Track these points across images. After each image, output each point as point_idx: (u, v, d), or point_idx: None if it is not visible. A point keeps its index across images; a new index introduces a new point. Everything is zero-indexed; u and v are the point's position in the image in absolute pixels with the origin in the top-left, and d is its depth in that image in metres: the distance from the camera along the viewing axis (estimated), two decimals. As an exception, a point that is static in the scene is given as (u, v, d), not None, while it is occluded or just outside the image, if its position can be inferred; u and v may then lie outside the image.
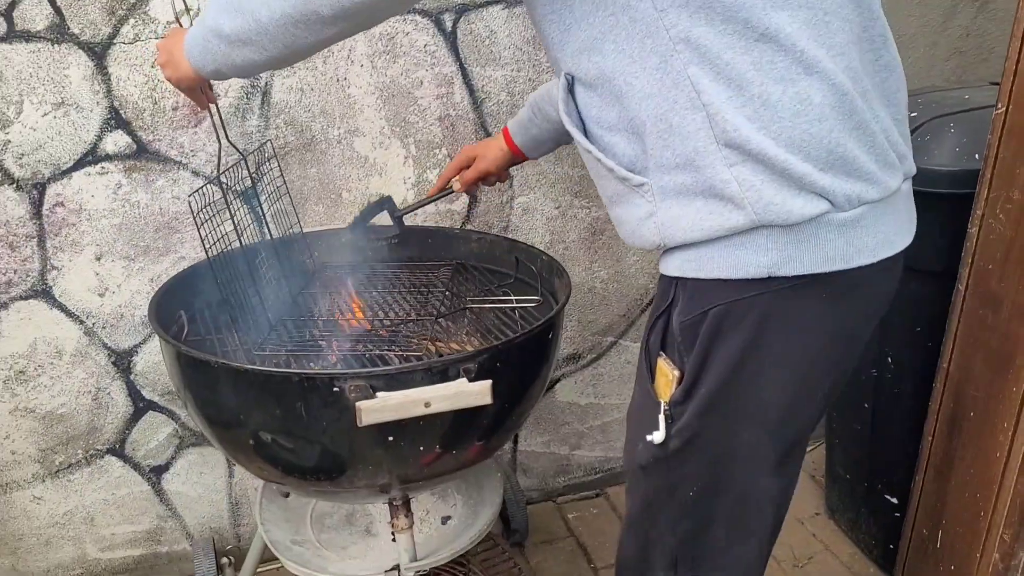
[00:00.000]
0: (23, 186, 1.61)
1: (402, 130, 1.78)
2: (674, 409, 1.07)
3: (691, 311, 1.02)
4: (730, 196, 0.94)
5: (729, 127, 0.91)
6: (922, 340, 1.68)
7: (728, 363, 1.01)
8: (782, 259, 0.95)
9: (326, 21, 0.97)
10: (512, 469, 2.18)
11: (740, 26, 0.89)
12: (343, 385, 1.15)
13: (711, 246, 0.98)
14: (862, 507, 1.97)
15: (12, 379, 1.72)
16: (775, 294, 0.97)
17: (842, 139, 0.92)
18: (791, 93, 0.91)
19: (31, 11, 1.51)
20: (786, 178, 0.92)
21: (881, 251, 0.99)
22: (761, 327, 0.99)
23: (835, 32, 0.92)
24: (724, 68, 0.90)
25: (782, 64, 0.90)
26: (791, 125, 0.91)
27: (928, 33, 2.10)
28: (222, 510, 1.97)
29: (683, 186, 0.97)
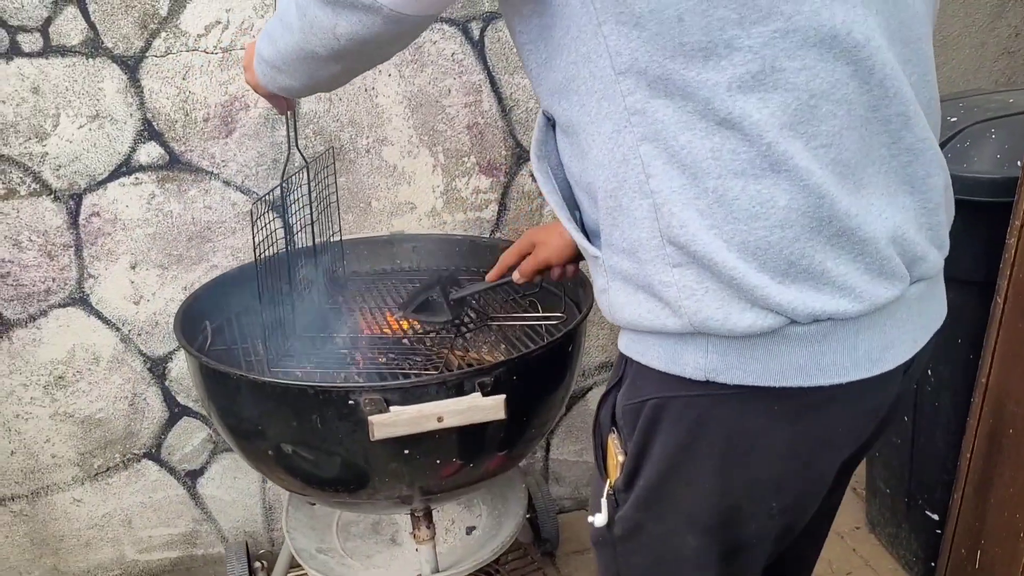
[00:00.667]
0: (60, 197, 1.65)
1: (430, 139, 1.79)
2: (618, 495, 0.97)
3: (632, 396, 0.91)
4: (668, 300, 0.81)
5: (675, 221, 0.78)
6: (962, 352, 1.63)
7: (663, 461, 0.90)
8: (723, 365, 0.82)
9: (326, 59, 0.95)
10: (544, 478, 2.16)
11: (701, 106, 0.75)
12: (357, 398, 1.16)
13: (653, 335, 0.86)
14: (903, 522, 1.92)
15: (52, 384, 1.77)
16: (715, 399, 0.84)
17: (809, 250, 0.77)
18: (751, 191, 0.76)
19: (66, 26, 1.54)
20: (734, 288, 0.78)
21: (856, 372, 0.83)
22: (698, 431, 0.87)
23: (822, 119, 0.76)
24: (679, 151, 0.77)
25: (744, 156, 0.76)
26: (746, 229, 0.77)
27: (974, 33, 2.03)
28: (256, 515, 2.00)
29: (627, 274, 0.85)
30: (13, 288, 1.68)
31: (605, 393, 0.99)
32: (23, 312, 1.70)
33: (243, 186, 1.72)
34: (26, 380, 1.75)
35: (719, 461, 0.88)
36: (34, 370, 1.75)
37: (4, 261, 1.66)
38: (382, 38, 0.89)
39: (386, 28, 0.86)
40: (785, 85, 0.75)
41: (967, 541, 1.63)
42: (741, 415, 0.85)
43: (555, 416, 1.44)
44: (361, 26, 0.86)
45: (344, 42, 0.89)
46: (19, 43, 1.53)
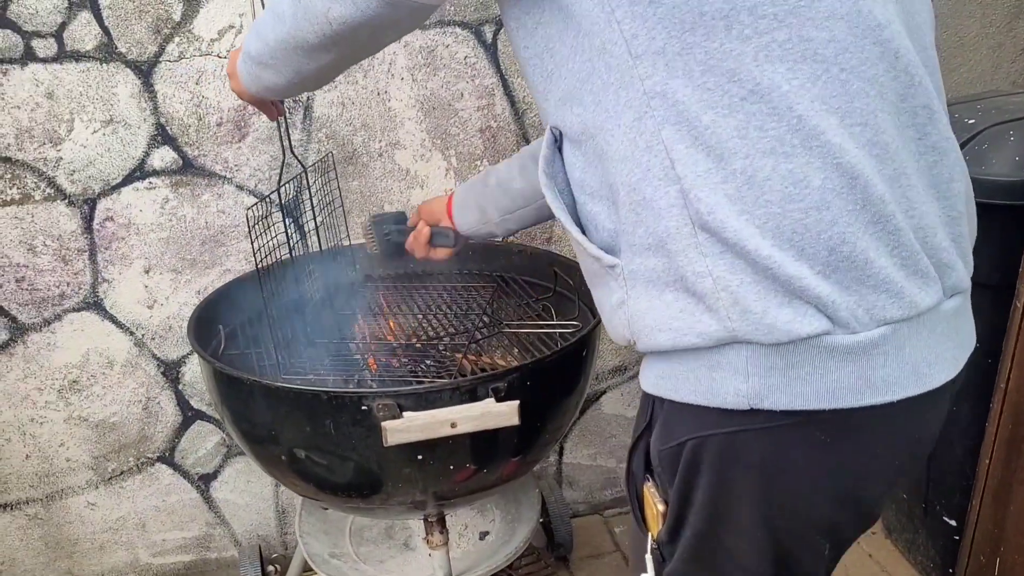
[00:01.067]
0: (75, 201, 1.65)
1: (443, 142, 1.78)
2: (664, 549, 0.92)
3: (667, 440, 0.85)
4: (702, 294, 0.76)
5: (704, 207, 0.74)
6: (980, 357, 1.60)
7: (708, 507, 0.85)
8: (766, 388, 0.76)
9: (316, 48, 0.94)
10: (557, 482, 2.16)
11: (724, 79, 0.72)
12: (371, 404, 1.15)
13: (684, 361, 0.80)
14: (920, 528, 1.90)
15: (66, 388, 1.77)
16: (759, 433, 0.78)
17: (850, 236, 0.72)
18: (783, 171, 0.72)
19: (80, 32, 1.55)
20: (771, 280, 0.73)
21: (904, 387, 0.77)
22: (740, 470, 0.82)
23: (855, 95, 0.72)
24: (703, 132, 0.73)
25: (774, 132, 0.72)
26: (780, 212, 0.72)
27: (992, 34, 2.01)
28: (269, 518, 2.00)
29: (654, 273, 0.79)
30: (28, 292, 1.69)
31: (635, 440, 0.93)
32: (38, 316, 1.71)
33: (256, 190, 1.72)
34: (41, 384, 1.76)
35: (765, 503, 0.83)
36: (48, 374, 1.75)
37: (19, 266, 1.66)
38: (376, 23, 0.87)
39: (380, 13, 0.85)
40: (814, 56, 0.71)
41: (986, 548, 1.62)
42: (787, 450, 0.80)
43: (569, 421, 1.43)
44: (356, 9, 0.85)
45: (337, 27, 0.88)
46: (33, 48, 1.54)
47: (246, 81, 1.12)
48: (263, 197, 1.65)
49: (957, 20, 1.97)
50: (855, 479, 0.83)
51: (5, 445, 1.78)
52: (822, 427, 0.78)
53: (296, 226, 1.73)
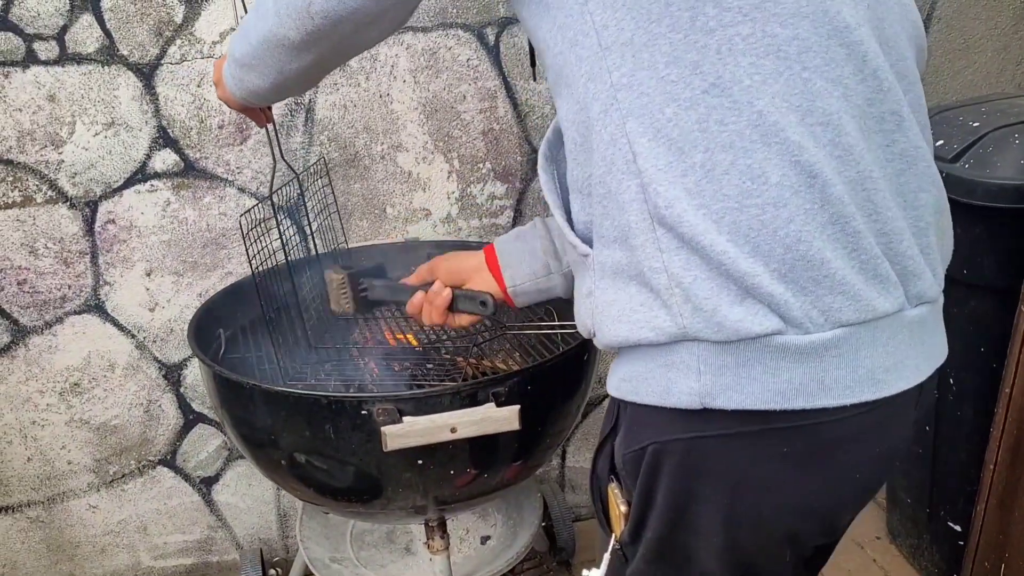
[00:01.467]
0: (76, 204, 1.65)
1: (445, 145, 1.78)
2: (626, 549, 0.92)
3: (631, 444, 0.85)
4: (658, 289, 0.75)
5: (662, 201, 0.73)
6: (985, 361, 1.60)
7: (669, 511, 0.84)
8: (716, 387, 0.75)
9: (298, 46, 0.92)
10: (559, 486, 2.15)
11: (687, 71, 0.71)
12: (370, 408, 1.15)
13: (643, 360, 0.79)
14: (924, 533, 1.89)
15: (68, 391, 1.77)
16: (718, 440, 0.78)
17: (806, 233, 0.72)
18: (741, 165, 0.71)
19: (82, 34, 1.54)
20: (724, 276, 0.72)
21: (859, 391, 0.75)
22: (700, 477, 0.81)
23: (817, 95, 0.72)
24: (665, 125, 0.72)
25: (733, 126, 0.71)
26: (737, 207, 0.72)
27: (997, 36, 2.00)
28: (270, 521, 2.00)
29: (619, 265, 0.79)
30: (29, 295, 1.69)
31: (600, 443, 0.93)
32: (39, 319, 1.71)
33: (258, 193, 1.72)
34: (42, 387, 1.75)
35: (727, 514, 0.82)
36: (50, 377, 1.75)
37: (20, 268, 1.66)
38: (359, 18, 0.86)
39: (364, 6, 0.84)
40: (777, 52, 0.71)
41: (991, 554, 1.60)
42: (750, 463, 0.79)
43: (571, 425, 1.43)
44: (338, 2, 0.84)
45: (319, 21, 0.87)
46: (35, 51, 1.54)
47: (231, 86, 1.11)
48: (258, 201, 1.65)
49: (962, 22, 1.96)
50: (817, 494, 0.82)
51: (6, 448, 1.78)
52: (781, 437, 0.77)
53: (297, 228, 1.73)
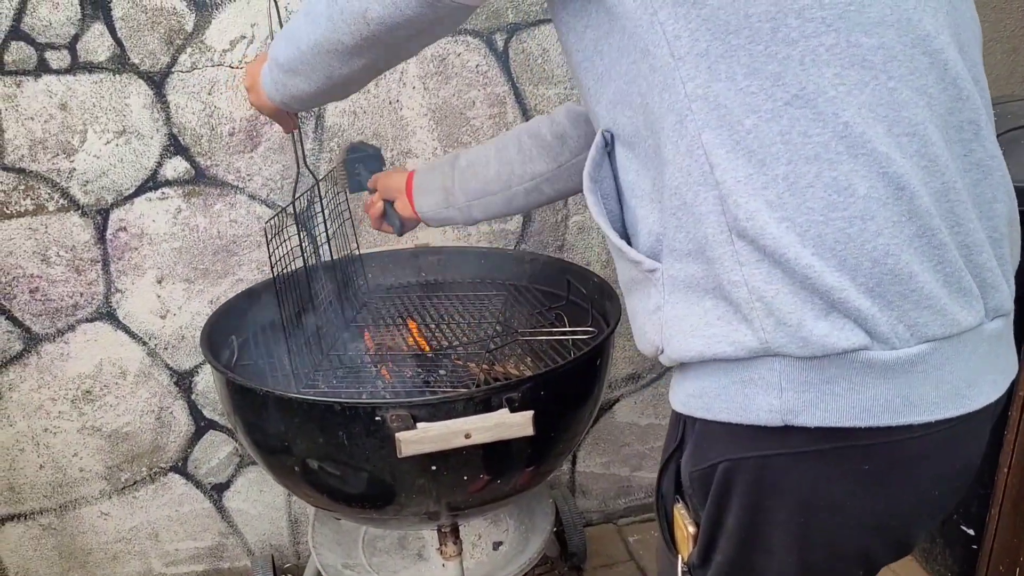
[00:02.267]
0: (88, 212, 1.65)
1: (455, 150, 1.78)
2: (694, 572, 0.90)
3: (699, 462, 0.83)
4: (738, 303, 0.74)
5: (743, 213, 0.72)
6: (998, 364, 1.59)
7: (740, 531, 0.82)
8: (800, 404, 0.73)
9: (351, 51, 0.92)
10: (570, 491, 2.14)
11: (768, 83, 0.70)
12: (384, 415, 1.15)
13: (716, 376, 0.78)
14: (938, 537, 1.88)
15: (80, 399, 1.78)
16: (794, 458, 0.76)
17: (894, 247, 0.70)
18: (827, 178, 0.70)
19: (93, 43, 1.55)
20: (809, 290, 0.71)
21: (944, 408, 0.74)
22: (774, 495, 0.79)
23: (903, 105, 0.70)
24: (744, 137, 0.71)
25: (818, 138, 0.70)
26: (823, 219, 0.70)
27: (1006, 38, 2.00)
28: (281, 528, 2.00)
29: (693, 279, 0.77)
30: (41, 303, 1.69)
31: (665, 461, 0.92)
32: (51, 327, 1.71)
33: (268, 200, 1.72)
34: (54, 394, 1.76)
35: (800, 533, 0.80)
36: (62, 384, 1.76)
37: (33, 276, 1.67)
38: (415, 24, 0.85)
39: (421, 13, 0.83)
40: (862, 62, 0.70)
41: (1005, 558, 1.60)
42: (826, 480, 0.77)
43: (583, 430, 1.42)
44: (395, 9, 0.83)
45: (374, 27, 0.86)
46: (47, 60, 1.54)
47: (271, 91, 1.10)
48: (278, 211, 1.65)
49: (971, 24, 1.96)
50: (894, 513, 0.81)
51: (19, 455, 1.79)
52: (862, 454, 0.75)
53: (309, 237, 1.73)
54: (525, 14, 1.72)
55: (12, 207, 1.62)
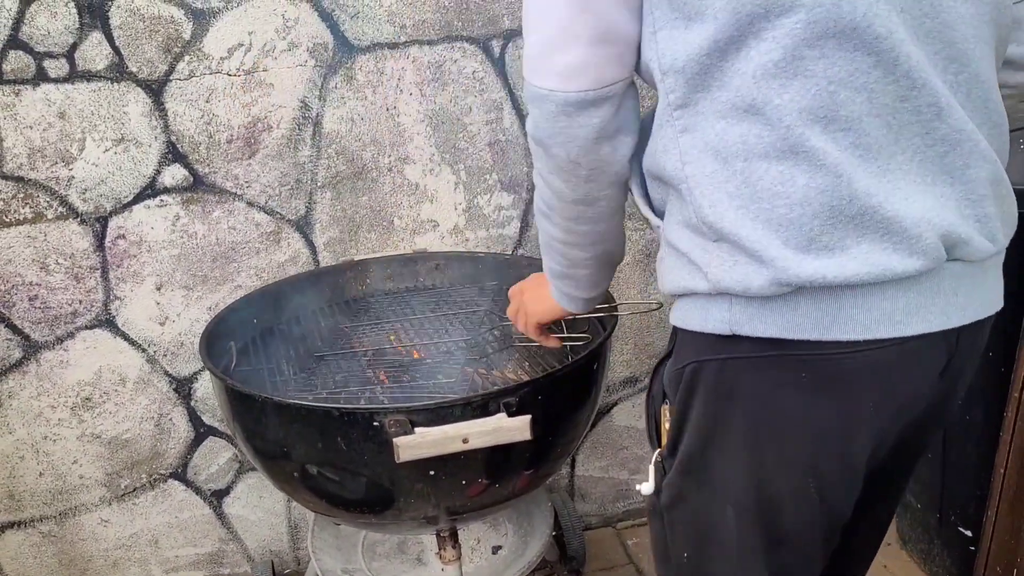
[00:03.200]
0: (87, 220, 1.66)
1: (452, 156, 1.79)
2: (665, 461, 1.02)
3: (676, 363, 0.98)
4: (700, 265, 0.89)
5: (706, 202, 0.86)
6: (994, 365, 1.60)
7: (698, 428, 0.95)
8: (744, 317, 0.88)
9: (581, 200, 1.02)
10: (569, 495, 2.15)
11: (732, 94, 0.83)
12: (382, 420, 1.15)
13: (691, 300, 0.93)
14: (935, 538, 1.89)
15: (79, 406, 1.78)
16: (746, 362, 0.89)
17: (828, 227, 0.83)
18: (773, 172, 0.83)
19: (91, 52, 1.56)
20: (758, 262, 0.84)
21: (875, 328, 0.85)
22: (728, 396, 0.92)
23: (841, 104, 0.81)
24: (713, 139, 0.85)
25: (767, 140, 0.82)
26: (769, 207, 0.83)
27: (1000, 41, 2.01)
28: (281, 533, 2.00)
29: (673, 242, 0.94)
30: (41, 311, 1.70)
31: (657, 365, 1.05)
32: (50, 334, 1.72)
33: (267, 206, 1.73)
34: (54, 402, 1.76)
35: (751, 435, 0.92)
36: (61, 392, 1.76)
37: (32, 284, 1.68)
38: (590, 135, 0.93)
39: (570, 119, 0.91)
40: (805, 72, 0.81)
41: (1002, 559, 1.60)
42: (772, 388, 0.89)
43: (581, 434, 1.43)
44: (568, 137, 0.93)
45: (584, 165, 0.97)
46: (45, 69, 1.55)
47: (565, 303, 1.20)
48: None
49: (965, 28, 1.97)
50: (833, 426, 0.91)
51: (19, 463, 1.79)
52: (800, 364, 0.87)
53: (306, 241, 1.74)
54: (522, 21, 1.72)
55: (11, 215, 1.62)
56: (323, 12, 1.64)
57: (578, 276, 1.15)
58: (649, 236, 1.94)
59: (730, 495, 0.96)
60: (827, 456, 0.92)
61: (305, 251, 1.78)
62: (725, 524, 0.98)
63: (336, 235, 1.78)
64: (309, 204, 1.75)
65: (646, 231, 1.93)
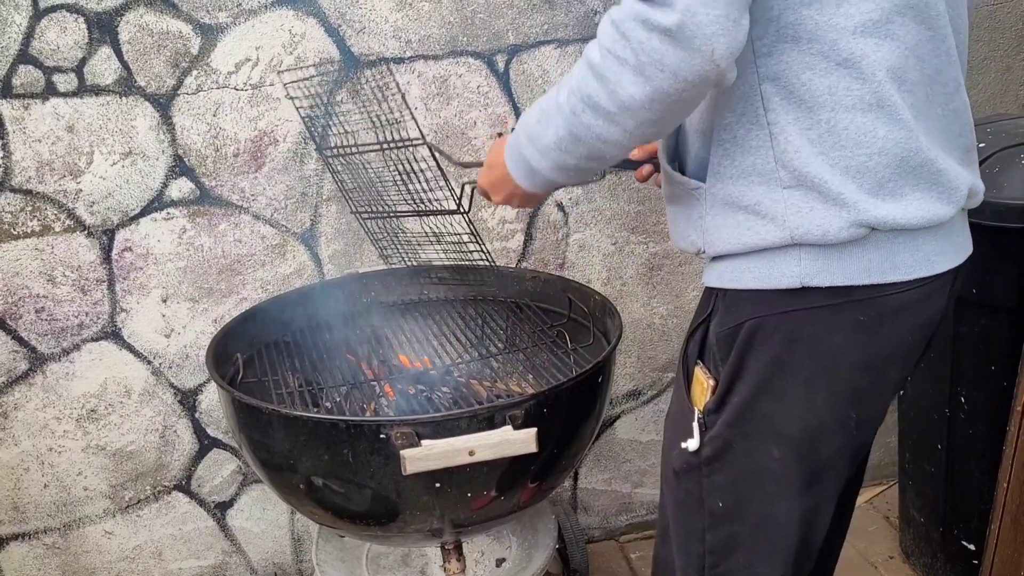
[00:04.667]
0: (94, 232, 1.67)
1: (456, 170, 1.79)
2: (707, 417, 1.09)
3: (727, 323, 1.04)
4: (774, 215, 0.95)
5: (790, 148, 0.93)
6: (996, 379, 1.61)
7: (757, 377, 1.03)
8: (815, 270, 0.96)
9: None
10: (572, 507, 2.15)
11: (826, 47, 0.90)
12: (389, 432, 1.16)
13: (748, 257, 0.99)
14: (938, 552, 1.89)
15: (84, 418, 1.79)
16: (807, 313, 0.98)
17: (895, 176, 0.93)
18: (858, 123, 0.92)
19: (100, 66, 1.57)
20: (836, 204, 0.93)
21: (919, 269, 0.98)
22: (790, 345, 1.00)
23: (910, 69, 0.93)
24: (798, 88, 0.92)
25: (857, 93, 0.91)
26: (850, 155, 0.92)
27: (1000, 57, 2.02)
28: (285, 546, 2.00)
29: (731, 197, 0.99)
30: (47, 323, 1.71)
31: (693, 329, 1.13)
32: (56, 346, 1.73)
33: (272, 219, 1.74)
34: (59, 413, 1.77)
35: (808, 375, 1.01)
36: (67, 403, 1.77)
37: (39, 296, 1.68)
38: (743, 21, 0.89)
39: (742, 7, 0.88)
40: (893, 35, 0.90)
41: (1006, 573, 1.60)
42: (833, 331, 0.99)
43: (585, 447, 1.43)
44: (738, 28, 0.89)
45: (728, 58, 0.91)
46: (55, 83, 1.57)
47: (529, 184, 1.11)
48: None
49: (965, 44, 1.98)
50: (881, 354, 1.02)
51: (23, 475, 1.79)
52: (860, 307, 0.97)
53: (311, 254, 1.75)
54: (525, 36, 1.74)
55: (19, 228, 1.63)
56: (329, 27, 1.65)
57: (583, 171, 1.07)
58: (652, 250, 1.94)
59: (779, 435, 1.05)
60: (868, 386, 1.04)
61: (310, 264, 1.79)
62: (769, 465, 1.07)
63: (341, 248, 1.79)
64: (314, 217, 1.76)
65: (650, 244, 1.94)
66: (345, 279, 1.75)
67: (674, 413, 1.19)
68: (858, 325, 0.99)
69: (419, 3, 1.68)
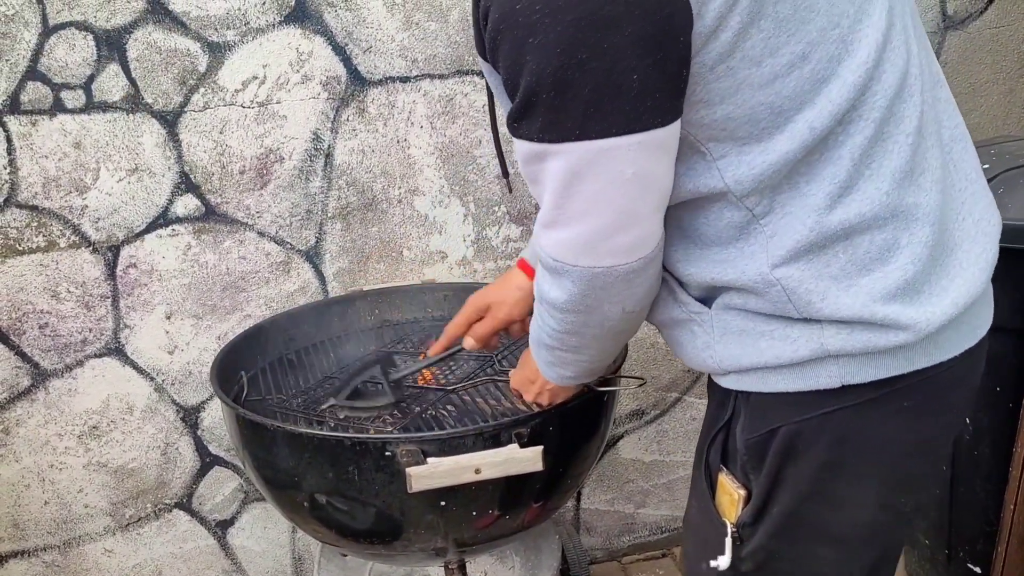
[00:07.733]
0: (99, 249, 1.67)
1: (461, 188, 1.80)
2: (743, 531, 1.00)
3: (757, 428, 0.95)
4: (803, 340, 0.89)
5: (815, 298, 0.87)
6: (1002, 400, 1.60)
7: (803, 484, 0.94)
8: (855, 369, 0.88)
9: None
10: (575, 527, 2.14)
11: (827, 183, 0.85)
12: (394, 450, 1.15)
13: (773, 369, 0.92)
14: (944, 575, 1.87)
15: (86, 434, 1.78)
16: (851, 410, 0.90)
17: (931, 276, 0.88)
18: (879, 240, 0.87)
19: (108, 83, 1.58)
20: (892, 329, 0.87)
21: (965, 342, 0.92)
22: (839, 448, 0.92)
23: (917, 151, 0.89)
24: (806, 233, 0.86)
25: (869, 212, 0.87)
26: (882, 275, 0.87)
27: (1003, 80, 2.03)
28: (285, 565, 1.99)
29: (746, 326, 0.92)
30: (51, 339, 1.70)
31: (713, 435, 1.02)
32: (59, 362, 1.72)
33: (277, 237, 1.74)
34: (61, 430, 1.76)
35: (859, 472, 0.93)
36: (69, 420, 1.76)
37: (43, 312, 1.68)
38: (649, 282, 0.91)
39: (629, 283, 0.89)
40: (890, 136, 0.85)
41: (1013, 596, 1.59)
42: (880, 420, 0.91)
43: (591, 466, 1.43)
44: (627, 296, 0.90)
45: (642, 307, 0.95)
46: (62, 100, 1.57)
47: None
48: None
49: (968, 66, 2.00)
50: (936, 433, 0.96)
51: (24, 492, 1.78)
52: (904, 397, 0.90)
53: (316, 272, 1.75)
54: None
55: (24, 243, 1.63)
56: (336, 46, 1.66)
57: (595, 370, 1.12)
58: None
59: (832, 538, 0.97)
60: (923, 469, 0.99)
61: (315, 281, 1.79)
62: (821, 570, 0.99)
63: (345, 265, 1.80)
64: (319, 235, 1.76)
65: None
66: (350, 297, 1.76)
67: (696, 522, 1.09)
68: (908, 410, 0.92)
69: (426, 23, 1.69)
